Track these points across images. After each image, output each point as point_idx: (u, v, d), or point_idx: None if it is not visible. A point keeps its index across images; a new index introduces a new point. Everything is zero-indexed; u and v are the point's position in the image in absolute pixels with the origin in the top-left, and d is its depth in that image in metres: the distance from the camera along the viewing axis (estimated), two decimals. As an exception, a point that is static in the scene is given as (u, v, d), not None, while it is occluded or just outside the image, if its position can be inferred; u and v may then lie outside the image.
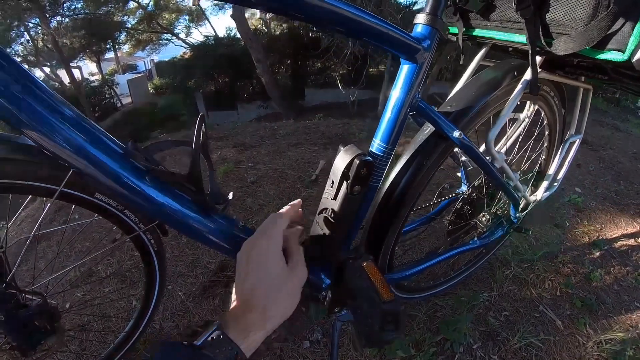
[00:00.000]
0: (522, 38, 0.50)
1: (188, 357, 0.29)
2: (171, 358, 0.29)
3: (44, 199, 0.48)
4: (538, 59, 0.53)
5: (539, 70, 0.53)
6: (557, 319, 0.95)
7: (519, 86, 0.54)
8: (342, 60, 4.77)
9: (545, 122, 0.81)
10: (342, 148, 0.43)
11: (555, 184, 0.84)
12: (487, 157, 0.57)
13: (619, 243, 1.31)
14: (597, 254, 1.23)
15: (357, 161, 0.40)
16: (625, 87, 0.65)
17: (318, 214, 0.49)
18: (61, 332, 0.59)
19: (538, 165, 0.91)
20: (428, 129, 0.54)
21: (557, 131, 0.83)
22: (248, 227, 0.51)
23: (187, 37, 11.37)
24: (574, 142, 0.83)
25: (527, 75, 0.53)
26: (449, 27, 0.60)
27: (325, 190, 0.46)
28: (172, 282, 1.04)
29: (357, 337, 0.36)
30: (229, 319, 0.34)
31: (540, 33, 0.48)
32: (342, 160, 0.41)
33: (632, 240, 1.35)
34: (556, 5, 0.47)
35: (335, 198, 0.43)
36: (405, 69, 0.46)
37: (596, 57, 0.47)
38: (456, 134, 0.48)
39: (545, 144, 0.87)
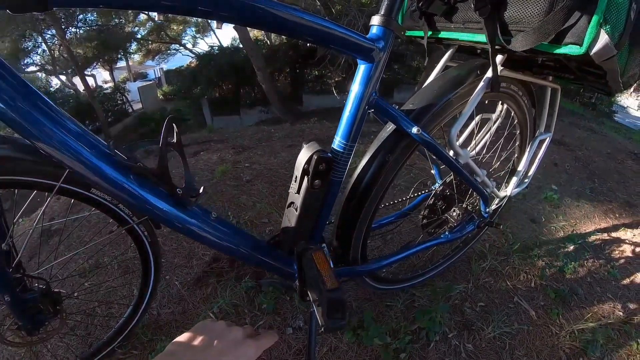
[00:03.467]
0: (483, 37, 0.49)
1: None
2: None
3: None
4: (500, 57, 0.52)
5: (501, 68, 0.52)
6: (531, 309, 0.94)
7: (481, 84, 0.53)
8: (336, 68, 4.78)
9: (515, 121, 0.79)
10: (305, 145, 0.42)
11: (526, 180, 0.83)
12: (453, 154, 0.56)
13: (593, 237, 1.30)
14: (571, 247, 1.22)
15: (315, 157, 0.39)
16: (591, 85, 0.64)
17: (287, 207, 0.48)
18: (64, 315, 0.61)
19: (511, 163, 0.89)
20: (390, 126, 0.52)
21: (527, 130, 0.82)
22: (221, 218, 0.50)
23: (193, 47, 11.41)
24: (544, 140, 0.81)
25: (489, 73, 0.52)
26: (417, 32, 0.59)
27: (291, 185, 0.45)
28: (169, 273, 1.04)
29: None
30: None
31: (499, 31, 0.46)
32: (303, 156, 0.41)
33: (605, 234, 1.34)
34: (514, 3, 0.46)
35: (298, 192, 0.42)
36: (362, 68, 0.45)
37: (554, 52, 0.46)
38: (414, 130, 0.47)
39: (517, 143, 0.86)
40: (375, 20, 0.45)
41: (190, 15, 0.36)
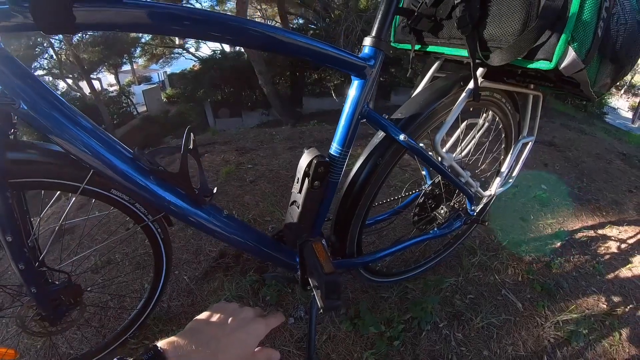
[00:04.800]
0: (465, 52, 0.53)
1: None
2: None
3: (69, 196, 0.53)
4: (481, 69, 0.56)
5: (481, 80, 0.56)
6: (517, 301, 0.97)
7: (463, 94, 0.57)
8: (335, 72, 4.82)
9: (501, 125, 0.83)
10: (305, 150, 0.47)
11: (511, 180, 0.87)
12: (438, 157, 0.60)
13: (579, 234, 1.33)
14: (558, 244, 1.25)
15: (315, 161, 0.44)
16: (570, 92, 0.67)
17: (290, 205, 0.53)
18: (83, 307, 0.64)
19: (498, 164, 0.94)
20: (381, 133, 0.57)
21: (512, 134, 0.86)
22: (231, 215, 0.55)
23: (196, 51, 11.44)
24: (527, 143, 0.85)
25: (471, 84, 0.56)
26: (406, 45, 0.63)
27: (294, 185, 0.49)
28: (178, 268, 1.08)
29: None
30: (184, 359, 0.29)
31: (478, 47, 0.51)
32: (304, 160, 0.46)
33: (592, 231, 1.37)
34: (492, 22, 0.50)
35: (300, 192, 0.47)
36: (355, 83, 0.50)
37: (528, 67, 0.50)
38: (402, 137, 0.52)
39: (503, 146, 0.90)
40: (367, 41, 0.50)
41: (204, 39, 0.40)
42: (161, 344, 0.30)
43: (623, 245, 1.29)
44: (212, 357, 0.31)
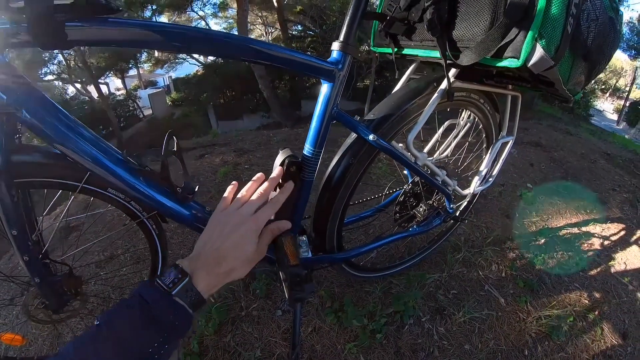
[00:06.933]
0: (437, 53, 0.53)
1: (163, 300, 0.32)
2: (150, 297, 0.32)
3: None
4: (453, 70, 0.56)
5: (453, 80, 0.56)
6: (500, 297, 0.96)
7: (436, 94, 0.56)
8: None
9: (480, 126, 0.83)
10: (280, 151, 0.47)
11: (491, 179, 0.86)
12: (412, 158, 0.60)
13: (563, 231, 1.32)
14: (542, 240, 1.24)
15: (287, 161, 0.44)
16: (546, 91, 0.66)
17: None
18: (84, 297, 0.66)
19: (480, 163, 0.93)
20: (354, 134, 0.57)
21: (492, 134, 0.85)
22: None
23: (200, 56, 11.47)
24: (507, 143, 0.84)
25: (444, 85, 0.56)
26: (385, 49, 0.63)
27: (269, 184, 0.49)
28: (176, 263, 1.10)
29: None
30: (197, 271, 0.36)
31: (448, 48, 0.50)
32: (278, 160, 0.46)
33: (575, 229, 1.36)
34: (461, 23, 0.50)
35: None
36: (325, 86, 0.50)
37: (497, 65, 0.48)
38: (371, 137, 0.51)
39: (484, 145, 0.90)
40: (335, 46, 0.50)
41: (182, 52, 0.42)
42: (179, 262, 0.36)
43: (606, 242, 1.28)
44: (217, 266, 0.37)
